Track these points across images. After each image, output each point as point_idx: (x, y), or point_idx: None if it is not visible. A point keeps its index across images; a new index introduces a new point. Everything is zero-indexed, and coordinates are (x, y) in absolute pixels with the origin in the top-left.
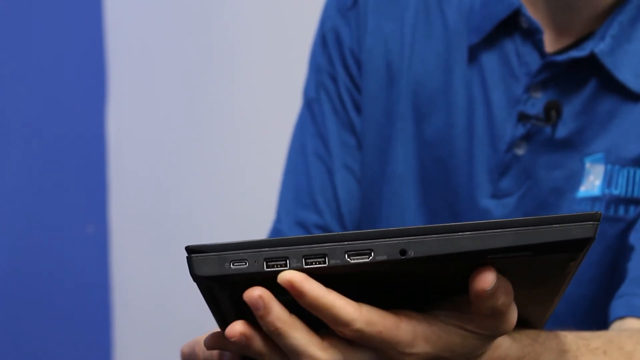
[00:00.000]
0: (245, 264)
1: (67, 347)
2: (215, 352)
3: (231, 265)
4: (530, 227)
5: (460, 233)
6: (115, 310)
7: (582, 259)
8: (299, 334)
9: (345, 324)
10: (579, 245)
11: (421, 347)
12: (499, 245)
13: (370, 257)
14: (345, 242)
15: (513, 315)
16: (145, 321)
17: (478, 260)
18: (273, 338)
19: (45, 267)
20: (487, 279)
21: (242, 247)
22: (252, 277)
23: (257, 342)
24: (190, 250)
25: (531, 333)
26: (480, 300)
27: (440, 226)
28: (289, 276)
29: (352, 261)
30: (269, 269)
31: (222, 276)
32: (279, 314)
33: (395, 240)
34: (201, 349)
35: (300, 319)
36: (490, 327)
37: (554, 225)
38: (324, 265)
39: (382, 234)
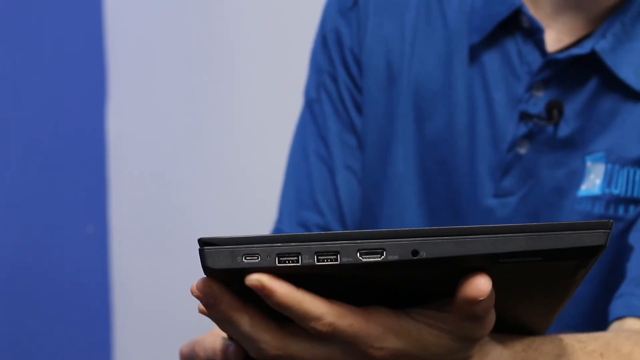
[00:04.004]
0: (258, 258)
1: (67, 347)
2: (217, 351)
3: (243, 259)
4: (542, 233)
5: (472, 236)
6: (115, 310)
7: (590, 267)
8: (251, 321)
9: (316, 318)
10: (589, 253)
11: (391, 342)
12: (510, 250)
13: (382, 257)
14: (358, 241)
15: (490, 321)
16: (145, 321)
17: (489, 263)
18: (227, 328)
19: (45, 267)
20: (483, 288)
21: (255, 242)
22: (263, 271)
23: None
24: (203, 242)
25: (525, 339)
26: (465, 305)
27: (453, 228)
28: (257, 276)
29: (364, 259)
30: (281, 265)
31: (233, 269)
32: (230, 302)
33: (407, 241)
34: (202, 349)
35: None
36: (465, 329)
37: (565, 232)
38: (336, 262)
39: (395, 234)
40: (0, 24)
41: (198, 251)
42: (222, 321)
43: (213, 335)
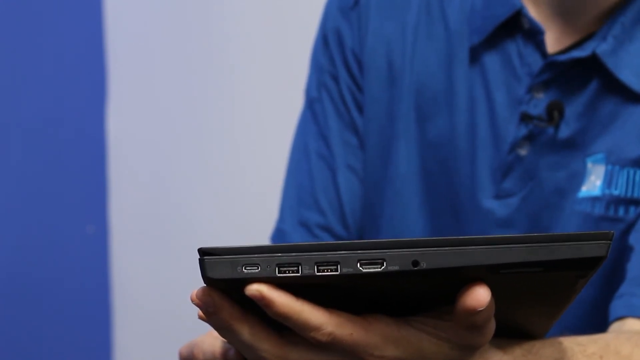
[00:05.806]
0: (258, 268)
1: (67, 347)
2: (217, 355)
3: (243, 269)
4: (543, 244)
5: (473, 246)
6: (115, 310)
7: (590, 277)
8: (250, 330)
9: (316, 328)
10: (590, 264)
11: (390, 351)
12: (511, 260)
13: (383, 267)
14: (359, 251)
15: (490, 329)
16: (145, 321)
17: (489, 273)
18: (227, 336)
19: (45, 267)
20: (482, 299)
21: (255, 252)
22: (262, 281)
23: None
24: (203, 252)
25: (525, 344)
26: (465, 315)
27: (453, 239)
28: (257, 286)
29: (364, 270)
30: (281, 275)
31: (233, 279)
32: (230, 311)
33: (408, 251)
34: (201, 352)
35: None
36: (465, 338)
37: (566, 243)
38: (336, 273)
39: (395, 244)
40: (1, 24)
41: (198, 261)
42: (222, 329)
43: (212, 337)
